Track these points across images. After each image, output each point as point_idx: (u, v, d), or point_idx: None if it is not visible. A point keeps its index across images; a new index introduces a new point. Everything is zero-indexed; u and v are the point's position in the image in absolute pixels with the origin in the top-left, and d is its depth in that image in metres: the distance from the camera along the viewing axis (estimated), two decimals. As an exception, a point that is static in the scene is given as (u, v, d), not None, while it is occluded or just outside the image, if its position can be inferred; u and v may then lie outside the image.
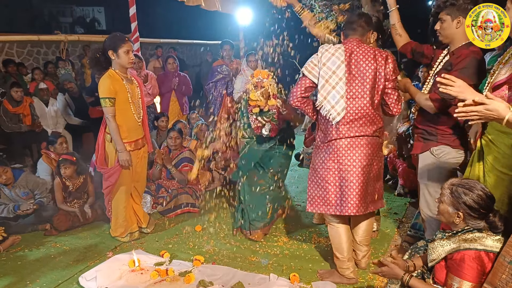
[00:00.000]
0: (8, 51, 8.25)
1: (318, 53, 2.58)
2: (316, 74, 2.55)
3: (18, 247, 3.51)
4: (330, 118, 2.53)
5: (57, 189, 3.95)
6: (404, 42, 2.94)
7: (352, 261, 2.82)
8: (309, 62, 2.58)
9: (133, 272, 2.97)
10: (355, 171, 2.56)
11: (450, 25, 2.48)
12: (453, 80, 1.85)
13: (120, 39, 3.28)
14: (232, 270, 2.98)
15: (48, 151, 4.50)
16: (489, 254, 1.83)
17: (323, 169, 2.63)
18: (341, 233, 2.76)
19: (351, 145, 2.57)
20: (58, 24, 24.51)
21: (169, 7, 12.10)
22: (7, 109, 5.42)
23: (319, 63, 2.53)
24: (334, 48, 2.55)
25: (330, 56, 2.52)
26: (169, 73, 5.88)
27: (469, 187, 1.90)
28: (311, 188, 2.73)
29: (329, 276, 2.85)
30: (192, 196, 4.32)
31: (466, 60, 2.40)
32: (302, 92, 2.59)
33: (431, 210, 2.73)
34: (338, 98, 2.50)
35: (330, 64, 2.51)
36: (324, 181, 2.63)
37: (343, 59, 2.51)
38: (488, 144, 2.15)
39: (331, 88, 2.50)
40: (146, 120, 3.68)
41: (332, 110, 2.51)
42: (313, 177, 2.71)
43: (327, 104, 2.51)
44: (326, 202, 2.64)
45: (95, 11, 29.19)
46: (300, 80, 2.60)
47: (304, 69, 2.58)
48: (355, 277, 2.79)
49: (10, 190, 3.85)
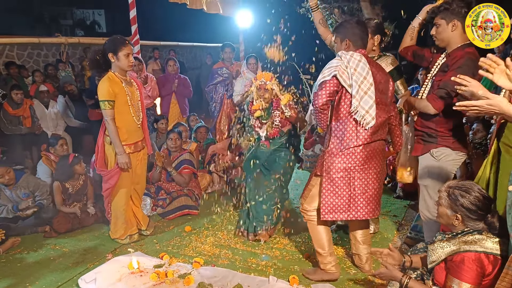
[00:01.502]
0: (9, 53, 8.27)
1: (341, 58, 2.54)
2: (346, 78, 2.52)
3: (18, 249, 3.50)
4: (364, 123, 2.53)
5: (56, 192, 3.95)
6: (408, 45, 2.96)
7: (333, 255, 2.87)
8: (338, 66, 2.51)
9: (132, 274, 2.97)
10: (374, 176, 2.64)
11: (445, 29, 2.50)
12: (468, 81, 1.85)
13: (121, 42, 3.28)
14: (232, 272, 2.98)
15: (48, 153, 4.50)
16: (489, 256, 1.83)
17: (341, 177, 2.62)
18: (320, 228, 2.83)
19: (368, 152, 2.60)
20: (59, 26, 24.52)
21: (169, 10, 12.11)
22: (7, 111, 5.42)
23: (349, 68, 2.50)
24: (357, 55, 2.55)
25: (358, 63, 2.52)
26: (169, 75, 5.89)
27: (465, 189, 1.91)
28: (326, 197, 2.67)
29: (313, 273, 2.91)
30: (192, 198, 4.32)
31: (461, 61, 2.42)
32: (330, 95, 2.55)
33: (431, 212, 2.73)
34: (372, 103, 2.52)
35: (360, 70, 2.51)
36: (342, 189, 2.63)
37: (369, 66, 2.53)
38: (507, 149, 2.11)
39: (363, 93, 2.51)
40: (146, 123, 3.68)
41: (367, 115, 2.51)
42: (329, 185, 2.66)
43: (362, 110, 2.51)
44: (342, 209, 2.66)
45: (95, 14, 29.22)
46: (326, 83, 2.54)
47: (336, 73, 2.51)
48: (337, 271, 2.85)
49: (11, 191, 3.85)
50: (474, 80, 1.85)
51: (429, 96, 2.53)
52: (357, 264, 3.02)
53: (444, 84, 2.44)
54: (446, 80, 2.41)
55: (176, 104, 5.98)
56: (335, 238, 3.54)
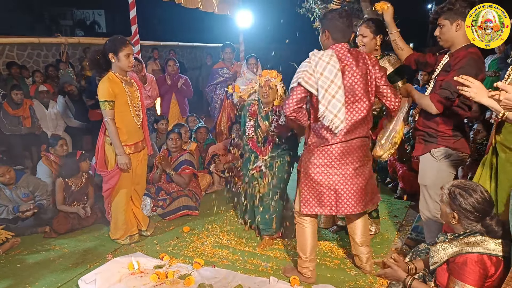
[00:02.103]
0: (9, 53, 8.26)
1: (309, 61, 2.51)
2: (313, 84, 2.50)
3: (18, 250, 3.49)
4: (333, 127, 2.51)
5: (58, 189, 3.95)
6: (407, 55, 2.96)
7: (313, 262, 2.88)
8: (304, 72, 2.49)
9: (132, 275, 2.96)
10: (350, 173, 2.60)
11: (449, 29, 2.49)
12: (471, 81, 1.84)
13: (121, 42, 3.27)
14: (232, 273, 2.97)
15: (48, 153, 4.50)
16: (492, 257, 1.83)
17: (318, 173, 2.64)
18: (308, 233, 2.82)
19: (345, 149, 2.59)
20: (59, 27, 24.54)
21: (169, 10, 12.13)
22: (7, 111, 5.41)
23: (315, 73, 2.48)
24: (326, 55, 2.50)
25: (326, 65, 2.47)
26: (171, 75, 5.88)
27: (467, 189, 1.90)
28: (304, 191, 2.73)
29: (291, 271, 2.95)
30: (192, 198, 4.31)
31: (464, 61, 2.41)
32: (298, 103, 2.54)
33: (431, 212, 2.73)
34: (340, 106, 2.48)
35: (327, 73, 2.46)
36: (318, 184, 2.65)
37: (338, 67, 2.48)
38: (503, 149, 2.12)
39: (331, 97, 2.47)
40: (146, 123, 3.67)
41: (336, 118, 2.49)
42: (306, 180, 2.71)
43: (329, 114, 2.49)
44: (321, 204, 2.68)
45: (95, 14, 29.24)
46: (294, 91, 2.52)
47: (300, 80, 2.50)
48: (312, 276, 2.87)
49: (11, 191, 3.84)
50: (476, 81, 1.84)
51: (432, 96, 2.51)
52: (358, 264, 3.02)
53: (447, 85, 2.43)
54: (449, 80, 2.41)
55: (176, 104, 5.98)
56: (336, 238, 3.53)
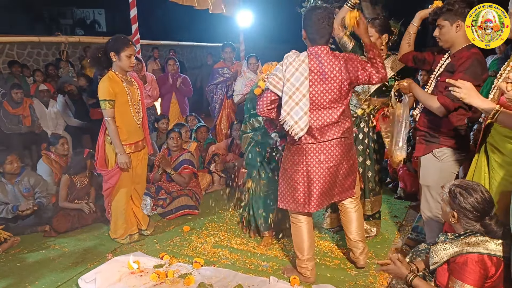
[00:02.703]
0: (9, 52, 8.25)
1: (282, 64, 2.52)
2: (280, 88, 2.52)
3: (17, 249, 3.49)
4: (292, 133, 2.53)
5: (63, 186, 3.99)
6: (407, 51, 2.95)
7: (311, 261, 2.87)
8: (274, 76, 2.52)
9: (132, 274, 2.96)
10: (322, 172, 2.63)
11: (449, 29, 2.49)
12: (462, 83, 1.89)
13: (124, 42, 3.26)
14: (232, 273, 2.97)
15: (48, 152, 4.51)
16: (492, 258, 1.83)
17: (292, 170, 2.69)
18: (303, 233, 2.82)
19: (319, 148, 2.61)
20: (58, 25, 24.50)
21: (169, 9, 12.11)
22: (7, 110, 5.41)
23: (283, 78, 2.49)
24: (298, 61, 2.49)
25: (294, 71, 2.47)
26: (170, 74, 5.88)
27: (468, 189, 1.90)
28: (282, 186, 2.79)
29: (290, 272, 2.94)
30: (192, 198, 4.31)
31: (469, 61, 2.40)
32: (268, 104, 2.59)
33: (433, 212, 2.72)
34: (302, 114, 2.49)
35: (294, 80, 2.47)
36: (293, 181, 2.69)
37: (306, 75, 2.47)
38: (492, 150, 2.14)
39: (295, 104, 2.48)
40: (146, 122, 3.67)
41: (296, 125, 2.51)
42: (283, 176, 2.77)
43: (290, 120, 2.50)
44: (295, 200, 2.72)
45: (95, 13, 29.22)
46: (265, 93, 2.58)
47: (269, 84, 2.54)
48: (312, 276, 2.86)
49: (13, 186, 3.85)
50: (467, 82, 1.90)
51: (441, 97, 2.47)
52: (352, 258, 3.02)
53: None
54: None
55: (176, 104, 5.97)
56: (336, 238, 3.53)
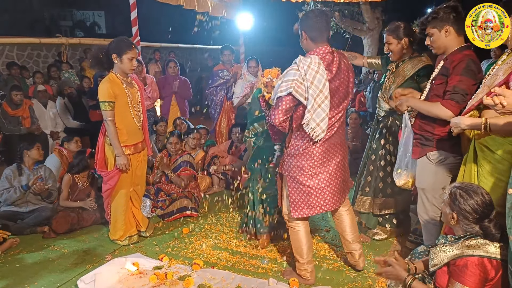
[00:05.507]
0: (8, 53, 8.26)
1: (298, 68, 2.47)
2: (302, 93, 2.48)
3: (17, 250, 3.49)
4: (314, 135, 2.53)
5: (65, 185, 4.05)
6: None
7: (311, 263, 2.88)
8: (294, 81, 2.46)
9: (131, 276, 2.96)
10: (333, 168, 2.68)
11: (439, 36, 2.53)
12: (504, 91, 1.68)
13: (127, 45, 3.27)
14: (232, 275, 2.98)
15: (61, 148, 4.63)
16: (492, 261, 1.83)
17: (304, 176, 2.67)
18: (301, 236, 2.83)
19: (327, 146, 2.64)
20: (58, 27, 24.50)
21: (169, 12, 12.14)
22: (6, 111, 5.42)
23: (305, 81, 2.46)
24: (315, 64, 2.47)
25: (315, 74, 2.45)
26: (169, 76, 5.89)
27: (468, 191, 1.91)
28: (293, 195, 2.74)
29: (290, 274, 2.96)
30: (192, 200, 4.31)
31: (464, 62, 2.43)
32: (287, 112, 2.54)
33: (429, 215, 2.74)
34: (324, 116, 2.50)
35: (317, 83, 2.45)
36: (306, 186, 2.68)
37: (326, 76, 2.48)
38: (482, 149, 2.16)
39: (317, 106, 2.48)
40: (146, 124, 3.67)
41: (317, 127, 2.51)
42: (293, 184, 2.72)
43: (313, 122, 2.50)
44: (310, 205, 2.72)
45: (95, 15, 29.23)
46: (282, 100, 2.50)
47: (291, 89, 2.45)
48: (312, 278, 2.88)
49: (30, 172, 3.98)
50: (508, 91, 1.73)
51: (445, 102, 2.45)
52: (351, 262, 3.03)
53: (457, 88, 2.42)
54: (456, 84, 2.42)
55: (176, 106, 5.99)
56: (335, 241, 3.53)
